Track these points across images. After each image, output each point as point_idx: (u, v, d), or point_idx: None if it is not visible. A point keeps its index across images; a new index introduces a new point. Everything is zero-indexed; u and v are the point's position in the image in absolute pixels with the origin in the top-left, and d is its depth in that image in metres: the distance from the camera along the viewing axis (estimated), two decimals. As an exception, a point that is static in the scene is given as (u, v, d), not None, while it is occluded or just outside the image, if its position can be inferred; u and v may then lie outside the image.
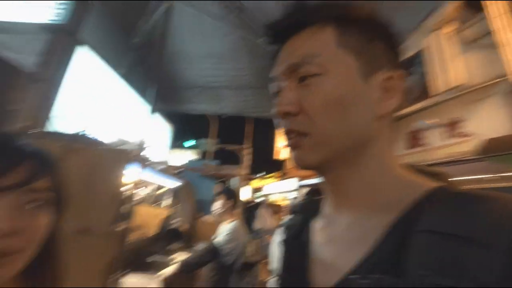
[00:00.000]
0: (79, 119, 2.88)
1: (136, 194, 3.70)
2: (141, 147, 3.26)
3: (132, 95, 4.59)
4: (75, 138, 1.69)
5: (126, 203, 1.55)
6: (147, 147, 3.57)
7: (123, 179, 1.50)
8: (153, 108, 4.85)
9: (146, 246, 2.73)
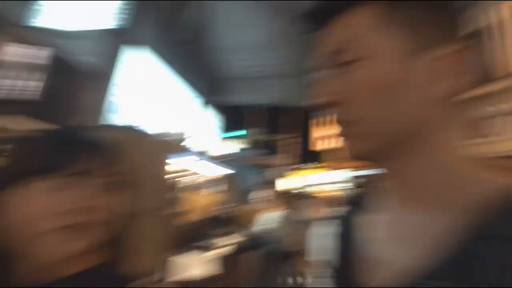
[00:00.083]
0: (135, 113, 3.17)
1: (185, 181, 3.95)
2: (189, 138, 3.46)
3: (184, 89, 4.87)
4: (131, 130, 1.88)
5: (173, 189, 1.69)
6: (196, 138, 3.77)
7: (171, 167, 1.63)
8: (204, 101, 5.06)
9: (193, 230, 2.92)
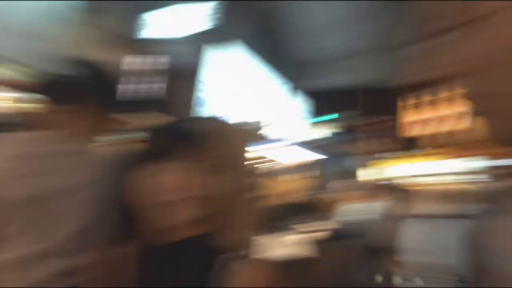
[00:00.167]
0: (226, 105, 3.43)
1: (268, 167, 4.09)
2: (269, 126, 3.55)
3: (272, 77, 5.01)
4: (220, 121, 2.07)
5: (254, 175, 1.77)
6: (282, 125, 3.85)
7: (256, 154, 1.70)
8: (293, 87, 5.13)
9: (276, 213, 3.02)
